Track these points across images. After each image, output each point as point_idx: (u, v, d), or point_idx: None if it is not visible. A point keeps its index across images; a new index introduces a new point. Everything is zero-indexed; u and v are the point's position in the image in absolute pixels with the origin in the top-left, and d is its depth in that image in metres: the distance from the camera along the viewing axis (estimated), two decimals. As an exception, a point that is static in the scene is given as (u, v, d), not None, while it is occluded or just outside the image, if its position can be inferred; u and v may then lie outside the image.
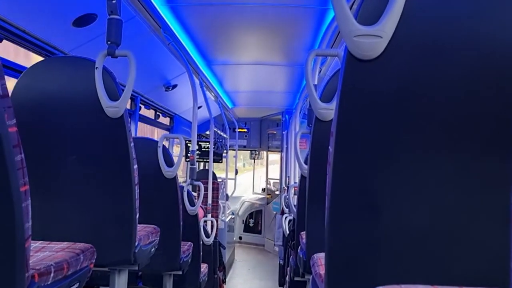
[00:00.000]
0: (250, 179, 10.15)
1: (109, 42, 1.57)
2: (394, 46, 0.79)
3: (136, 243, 1.62)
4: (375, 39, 0.78)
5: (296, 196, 2.93)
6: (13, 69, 2.29)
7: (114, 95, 1.50)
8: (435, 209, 0.84)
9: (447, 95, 0.80)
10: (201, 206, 4.37)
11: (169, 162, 2.39)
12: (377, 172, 0.84)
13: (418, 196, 0.83)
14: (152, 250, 1.87)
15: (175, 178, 2.41)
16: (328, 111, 1.52)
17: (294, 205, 3.19)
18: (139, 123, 4.38)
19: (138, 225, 1.66)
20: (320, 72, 3.56)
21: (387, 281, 0.83)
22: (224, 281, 5.05)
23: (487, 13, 0.78)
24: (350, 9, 0.82)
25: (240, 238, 8.80)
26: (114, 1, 1.57)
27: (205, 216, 4.24)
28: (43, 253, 1.18)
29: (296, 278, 2.29)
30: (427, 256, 0.85)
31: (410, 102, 0.81)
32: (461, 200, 0.83)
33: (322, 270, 1.16)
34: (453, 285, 0.78)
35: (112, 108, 1.49)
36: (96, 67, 1.49)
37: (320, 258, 1.26)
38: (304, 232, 1.73)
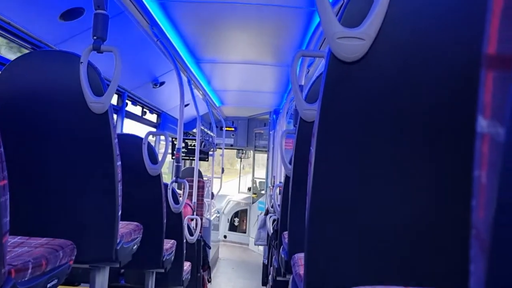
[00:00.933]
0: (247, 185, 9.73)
1: (95, 37, 1.55)
2: (377, 48, 0.80)
3: (118, 240, 1.61)
4: (358, 41, 0.79)
5: (280, 196, 2.93)
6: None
7: (98, 91, 1.49)
8: (414, 210, 0.85)
9: (428, 98, 0.81)
10: (189, 205, 4.36)
11: (154, 159, 2.38)
12: (357, 173, 0.85)
13: (397, 198, 0.84)
14: (134, 247, 1.86)
15: (159, 176, 2.40)
16: (313, 111, 1.52)
17: (278, 205, 3.19)
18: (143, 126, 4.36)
19: (121, 222, 1.64)
20: (308, 72, 3.57)
21: (364, 281, 0.84)
22: (209, 281, 5.04)
23: (468, 17, 0.79)
24: (338, 12, 0.82)
25: (225, 236, 8.80)
26: None
27: (193, 214, 4.23)
28: (21, 249, 1.17)
29: (278, 278, 2.30)
30: (404, 257, 0.86)
31: (390, 105, 0.82)
32: (440, 202, 0.84)
33: (302, 270, 1.16)
34: (429, 286, 0.79)
35: (96, 104, 1.48)
36: (81, 62, 1.47)
37: (300, 258, 1.27)
38: (287, 232, 1.74)
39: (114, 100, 4.06)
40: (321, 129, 0.85)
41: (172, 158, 6.02)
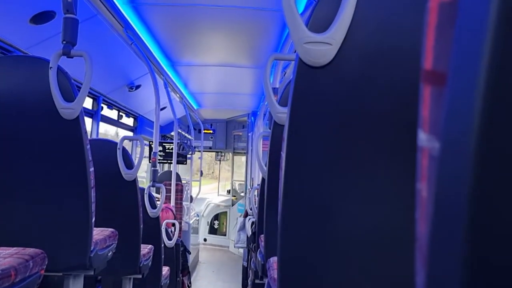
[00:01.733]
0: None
1: (64, 42, 1.53)
2: (344, 53, 0.80)
3: (92, 248, 1.58)
4: (325, 46, 0.79)
5: (258, 198, 2.93)
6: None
7: (69, 96, 1.46)
8: (383, 212, 0.85)
9: (393, 102, 0.82)
10: (170, 209, 4.32)
11: (129, 164, 2.36)
12: (326, 177, 0.85)
13: (366, 200, 0.85)
14: (109, 254, 1.83)
15: (135, 181, 2.37)
16: (285, 115, 1.53)
17: (256, 207, 3.19)
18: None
19: (95, 228, 1.62)
20: (285, 75, 3.58)
21: (336, 286, 0.85)
22: (189, 286, 5.00)
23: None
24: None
25: (205, 240, 8.75)
26: (69, 0, 1.54)
27: (174, 218, 4.19)
28: (-11, 260, 1.14)
29: (256, 281, 2.30)
30: (376, 260, 0.87)
31: (357, 109, 0.82)
32: (410, 204, 0.85)
33: (276, 274, 1.17)
34: None
35: (67, 110, 1.45)
36: (50, 67, 1.45)
37: (275, 262, 1.27)
38: (264, 234, 1.74)
39: (89, 104, 4.01)
40: (291, 133, 0.85)
41: (149, 162, 5.97)
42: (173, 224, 4.00)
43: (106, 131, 5.07)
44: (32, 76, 1.48)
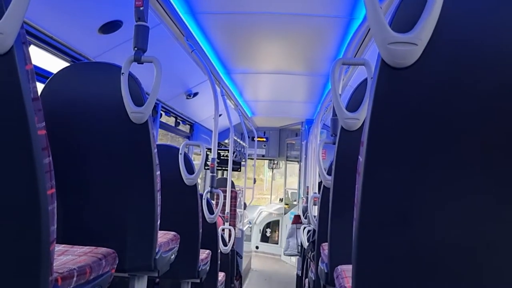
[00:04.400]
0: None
1: (135, 48, 1.57)
2: (430, 53, 0.77)
3: (157, 250, 1.61)
4: (410, 47, 0.76)
5: (316, 207, 2.89)
6: (39, 74, 2.33)
7: (139, 101, 1.50)
8: (471, 225, 0.80)
9: (484, 105, 0.77)
10: (220, 215, 4.37)
11: (190, 170, 2.39)
12: (410, 184, 0.81)
13: (454, 211, 0.80)
14: (172, 257, 1.86)
15: (195, 186, 2.40)
16: (354, 120, 1.49)
17: (314, 216, 3.15)
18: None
19: (159, 231, 1.65)
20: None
21: None
22: None
23: None
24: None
25: (257, 247, 8.76)
26: (141, 8, 1.59)
27: (223, 224, 4.23)
28: (66, 257, 1.18)
29: (315, 290, 2.25)
30: (460, 273, 0.82)
31: (445, 112, 0.78)
32: (498, 217, 0.80)
33: (347, 283, 1.13)
34: None
35: (137, 114, 1.49)
36: (122, 73, 1.49)
37: (344, 270, 1.23)
38: (326, 243, 1.70)
39: (149, 111, 4.12)
40: (371, 137, 0.82)
41: (205, 168, 6.07)
42: (223, 230, 4.02)
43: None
44: (104, 82, 1.54)
